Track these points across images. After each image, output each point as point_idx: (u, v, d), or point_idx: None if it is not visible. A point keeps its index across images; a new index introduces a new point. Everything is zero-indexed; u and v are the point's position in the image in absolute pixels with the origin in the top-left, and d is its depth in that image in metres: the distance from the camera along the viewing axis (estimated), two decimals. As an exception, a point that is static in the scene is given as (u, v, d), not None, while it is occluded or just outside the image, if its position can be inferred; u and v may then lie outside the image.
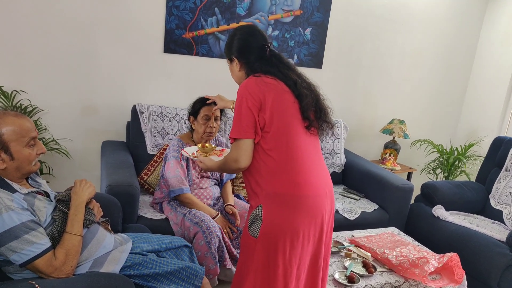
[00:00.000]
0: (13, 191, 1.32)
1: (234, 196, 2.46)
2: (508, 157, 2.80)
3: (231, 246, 2.12)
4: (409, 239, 2.24)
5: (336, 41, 3.26)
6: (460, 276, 1.79)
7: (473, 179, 3.45)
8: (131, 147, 2.64)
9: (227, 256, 2.08)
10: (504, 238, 2.34)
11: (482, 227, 2.50)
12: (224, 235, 2.09)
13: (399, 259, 1.88)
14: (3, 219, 1.23)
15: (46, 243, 1.30)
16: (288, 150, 1.44)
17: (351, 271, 1.80)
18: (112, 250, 1.52)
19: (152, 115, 2.65)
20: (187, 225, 2.09)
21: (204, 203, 2.26)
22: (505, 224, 2.63)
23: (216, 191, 2.37)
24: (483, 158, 3.14)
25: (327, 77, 3.31)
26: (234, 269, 2.12)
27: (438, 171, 3.61)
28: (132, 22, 2.67)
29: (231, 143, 1.49)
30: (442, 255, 1.90)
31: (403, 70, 3.59)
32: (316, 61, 3.24)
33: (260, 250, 1.43)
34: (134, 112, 2.64)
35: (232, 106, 2.01)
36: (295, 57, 3.15)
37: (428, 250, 1.99)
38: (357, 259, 1.94)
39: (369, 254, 1.98)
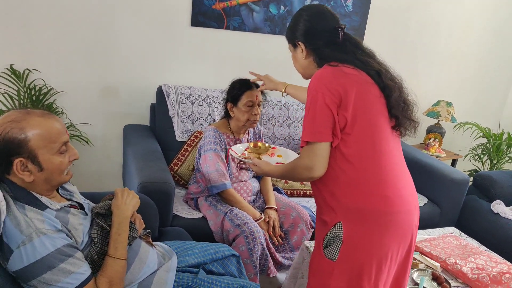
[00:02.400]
0: (43, 207, 1.07)
1: (274, 190, 2.21)
2: None
3: (275, 252, 1.89)
4: (474, 242, 2.00)
5: (380, 13, 2.90)
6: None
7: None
8: (158, 133, 2.37)
9: (271, 264, 1.85)
10: None
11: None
12: (268, 242, 1.86)
13: (475, 272, 1.64)
14: (34, 247, 0.98)
15: (86, 271, 1.06)
16: (375, 156, 1.18)
17: (424, 287, 1.57)
18: (158, 269, 1.29)
19: (181, 97, 2.36)
20: (227, 227, 1.85)
21: (244, 199, 2.02)
22: None
23: (255, 184, 2.12)
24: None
25: (369, 54, 2.97)
26: (279, 276, 1.91)
27: (485, 157, 3.33)
28: (156, -9, 2.34)
29: (301, 147, 1.22)
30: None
31: (451, 45, 3.22)
32: (358, 36, 2.88)
33: (339, 276, 1.20)
34: (160, 93, 2.35)
35: (283, 89, 1.73)
36: (336, 31, 2.81)
37: (508, 262, 1.74)
38: (426, 270, 1.71)
39: (437, 264, 1.74)
